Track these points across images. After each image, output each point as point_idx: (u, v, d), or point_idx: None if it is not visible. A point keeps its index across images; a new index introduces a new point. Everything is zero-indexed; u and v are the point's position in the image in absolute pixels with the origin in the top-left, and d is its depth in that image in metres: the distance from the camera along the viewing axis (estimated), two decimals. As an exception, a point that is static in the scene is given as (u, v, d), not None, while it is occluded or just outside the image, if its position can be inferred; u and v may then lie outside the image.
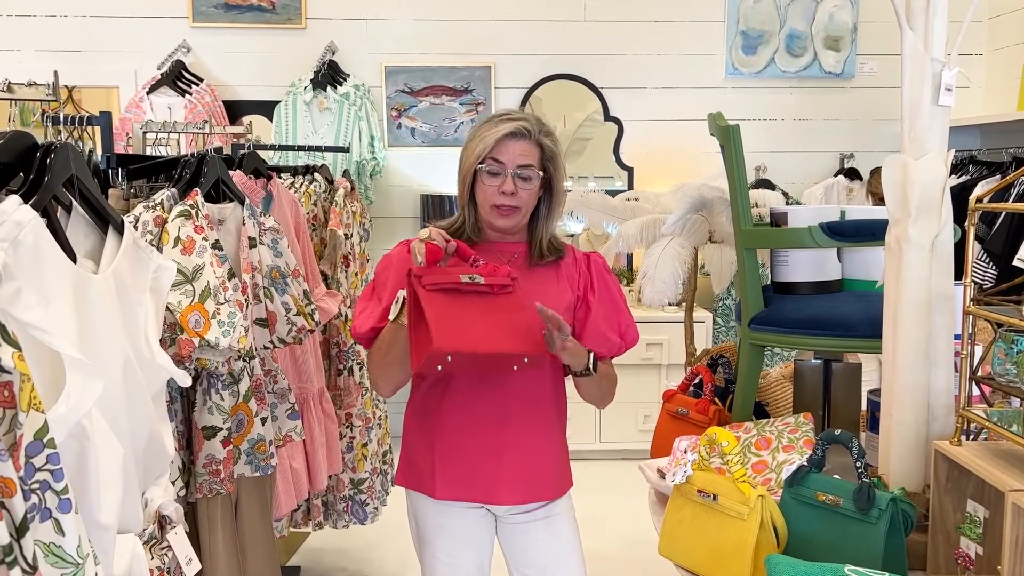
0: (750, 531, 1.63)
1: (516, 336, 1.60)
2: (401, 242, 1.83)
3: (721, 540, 1.68)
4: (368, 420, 2.92)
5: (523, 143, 1.74)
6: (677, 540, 1.79)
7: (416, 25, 4.73)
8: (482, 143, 1.74)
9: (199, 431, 1.75)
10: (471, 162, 1.75)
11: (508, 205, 1.74)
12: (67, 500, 0.87)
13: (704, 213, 2.71)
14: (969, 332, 1.56)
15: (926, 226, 1.67)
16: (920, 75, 1.66)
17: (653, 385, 4.45)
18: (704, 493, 1.73)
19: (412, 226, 4.78)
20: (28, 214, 1.00)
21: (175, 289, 1.58)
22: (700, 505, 1.75)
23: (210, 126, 2.95)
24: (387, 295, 1.74)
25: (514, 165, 1.73)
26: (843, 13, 4.77)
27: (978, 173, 4.13)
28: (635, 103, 4.82)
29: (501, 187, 1.73)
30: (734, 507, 1.67)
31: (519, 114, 1.79)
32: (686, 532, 1.77)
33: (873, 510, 1.54)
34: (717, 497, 1.71)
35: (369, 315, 1.76)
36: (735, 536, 1.65)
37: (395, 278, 1.74)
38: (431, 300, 1.57)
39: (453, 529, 1.80)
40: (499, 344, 1.58)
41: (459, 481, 1.75)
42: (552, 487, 1.81)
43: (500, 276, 1.65)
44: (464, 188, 1.78)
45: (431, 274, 1.60)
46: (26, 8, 4.62)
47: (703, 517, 1.73)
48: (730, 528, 1.67)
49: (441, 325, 1.54)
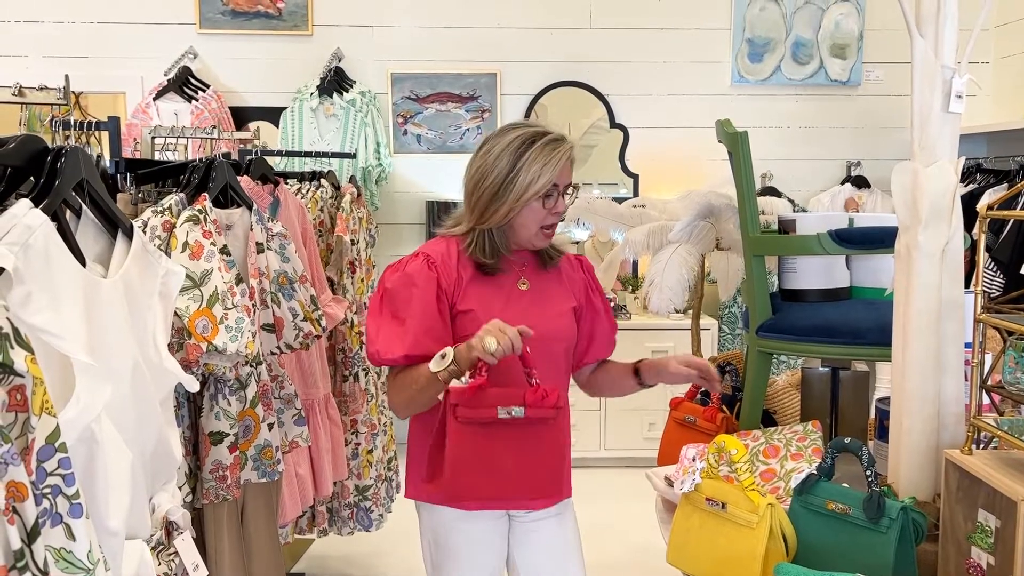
0: (759, 540, 1.62)
1: (540, 484, 1.67)
2: (416, 254, 1.74)
3: (730, 549, 1.67)
4: (373, 426, 2.91)
5: (570, 162, 1.75)
6: (685, 548, 1.78)
7: (422, 32, 4.74)
8: (547, 174, 1.67)
9: (206, 436, 1.75)
10: (533, 192, 1.68)
11: (557, 223, 1.74)
12: (78, 505, 0.87)
13: (711, 220, 2.70)
14: (980, 340, 1.55)
15: (936, 233, 1.66)
16: (930, 82, 1.66)
17: (658, 392, 4.40)
18: (713, 502, 1.72)
19: (417, 232, 4.78)
20: (39, 218, 1.00)
21: (183, 294, 1.58)
22: (708, 514, 1.74)
23: (218, 131, 2.96)
24: (414, 318, 1.67)
25: (564, 185, 1.73)
26: (849, 21, 4.77)
27: (985, 181, 4.12)
28: (641, 110, 4.82)
29: (554, 208, 1.71)
30: (743, 516, 1.66)
31: (558, 131, 1.75)
32: (694, 540, 1.76)
33: (883, 519, 1.53)
34: (726, 506, 1.70)
35: (398, 342, 1.66)
36: (744, 545, 1.64)
37: (422, 300, 1.68)
38: (458, 437, 1.60)
39: (477, 537, 1.78)
40: (516, 498, 1.69)
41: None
42: (566, 485, 1.82)
43: (546, 406, 1.61)
44: (508, 212, 1.69)
45: (469, 404, 1.58)
46: (34, 14, 4.64)
47: (711, 525, 1.72)
48: (739, 537, 1.66)
49: (458, 473, 1.61)
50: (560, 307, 1.81)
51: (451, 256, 1.74)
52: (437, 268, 1.70)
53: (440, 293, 1.69)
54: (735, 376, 2.51)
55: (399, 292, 1.69)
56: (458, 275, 1.72)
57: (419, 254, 1.74)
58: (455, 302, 1.71)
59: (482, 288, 1.73)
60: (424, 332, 1.66)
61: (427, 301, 1.67)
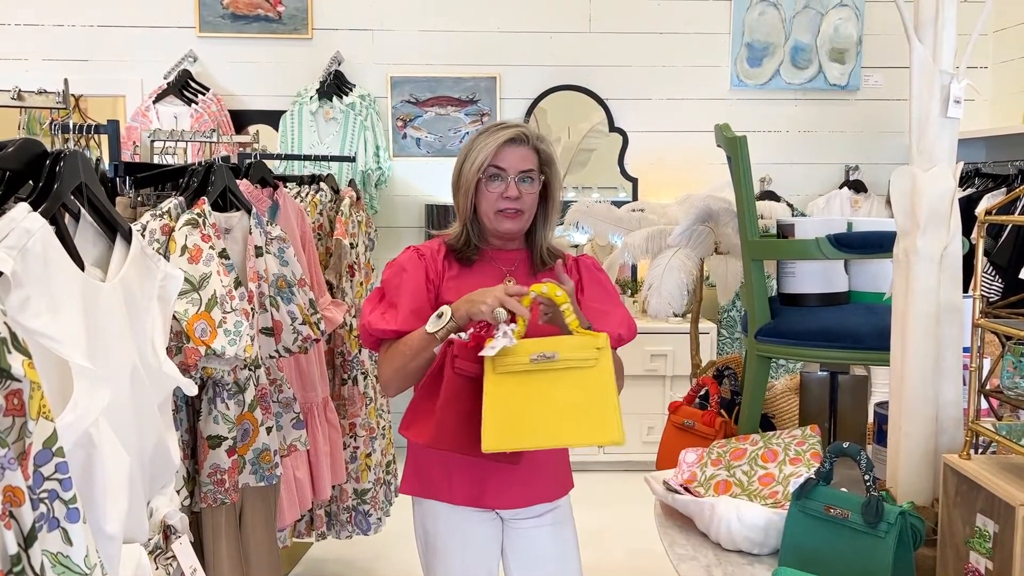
0: (606, 370, 1.53)
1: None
2: (408, 248, 1.85)
3: (573, 395, 1.53)
4: (372, 430, 2.91)
5: (522, 148, 1.78)
6: (508, 423, 1.53)
7: (422, 36, 4.74)
8: (483, 152, 1.75)
9: (204, 440, 1.75)
10: (473, 172, 1.76)
11: (513, 208, 1.77)
12: (75, 510, 0.87)
13: (710, 224, 2.70)
14: (978, 345, 1.55)
15: (935, 238, 1.67)
16: (929, 87, 1.66)
17: (657, 396, 4.44)
18: (541, 356, 1.56)
19: (416, 235, 4.78)
20: (37, 222, 1.00)
21: (182, 298, 1.58)
22: (529, 374, 1.56)
23: (218, 135, 2.96)
24: (405, 298, 1.74)
25: (516, 171, 1.76)
26: (848, 25, 4.78)
27: (984, 186, 4.13)
28: (640, 114, 4.82)
29: (505, 192, 1.76)
30: (581, 356, 1.55)
31: (513, 121, 1.82)
32: (517, 409, 1.53)
33: (882, 524, 1.53)
34: (557, 355, 1.56)
35: (387, 316, 1.74)
36: (593, 380, 1.53)
37: (413, 282, 1.76)
38: (452, 386, 1.56)
39: (466, 535, 1.81)
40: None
41: (472, 487, 1.77)
42: (555, 488, 1.85)
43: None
44: (466, 200, 1.79)
45: (469, 357, 1.56)
46: (34, 17, 4.64)
47: (539, 384, 1.55)
48: (582, 378, 1.54)
49: (444, 422, 1.56)
50: None
51: (439, 252, 1.84)
52: (426, 260, 1.81)
53: (428, 282, 1.78)
54: (734, 380, 2.51)
55: (391, 280, 1.79)
56: (443, 269, 1.82)
57: (410, 247, 1.85)
58: (440, 293, 1.79)
59: (465, 283, 1.78)
60: (413, 312, 1.73)
61: (416, 285, 1.76)
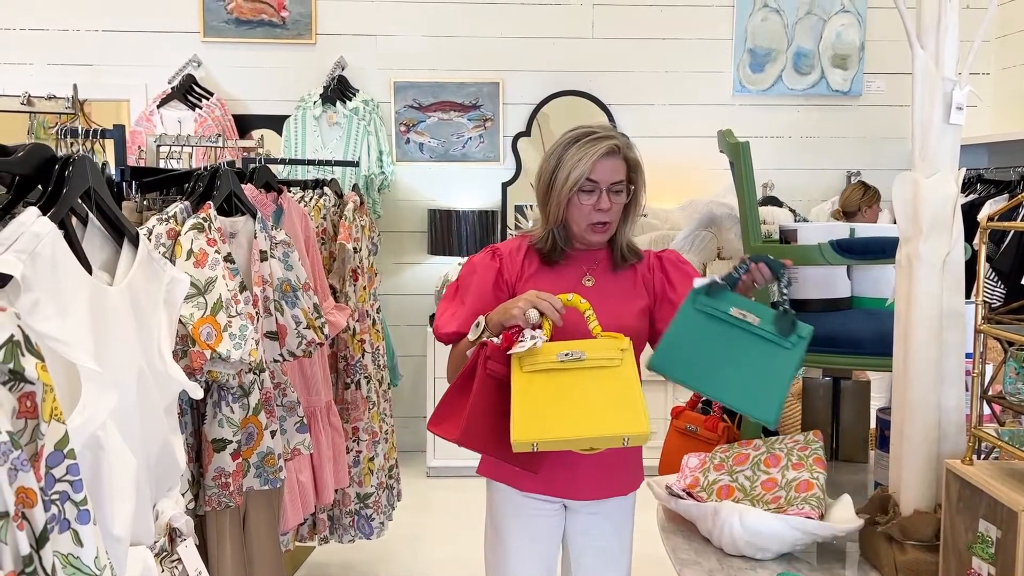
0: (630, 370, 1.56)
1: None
2: (486, 248, 1.90)
3: (599, 393, 1.56)
4: (375, 434, 2.91)
5: (614, 160, 1.79)
6: (536, 417, 1.56)
7: (425, 41, 4.76)
8: (578, 169, 1.76)
9: (209, 444, 1.76)
10: (569, 186, 1.77)
11: (602, 222, 1.79)
12: (86, 511, 0.87)
13: (713, 230, 2.71)
14: (980, 351, 1.55)
15: (937, 244, 1.67)
16: (931, 94, 1.67)
17: (660, 401, 4.44)
18: (569, 354, 1.60)
19: (420, 240, 4.79)
20: (46, 226, 1.01)
21: (187, 301, 1.58)
22: (556, 371, 1.59)
23: (222, 140, 2.97)
24: (470, 299, 1.81)
25: (608, 183, 1.78)
26: (850, 32, 4.79)
27: (986, 192, 4.13)
28: (642, 120, 4.83)
29: (597, 205, 1.78)
30: (606, 356, 1.58)
31: (606, 131, 1.82)
32: (545, 403, 1.57)
33: (793, 336, 1.54)
34: (584, 355, 1.59)
35: (452, 317, 1.82)
36: (616, 380, 1.56)
37: (479, 284, 1.82)
38: (482, 387, 1.60)
39: (528, 522, 1.88)
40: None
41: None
42: (624, 483, 1.91)
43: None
44: (557, 211, 1.80)
45: (499, 360, 1.61)
46: (39, 22, 4.66)
47: (566, 381, 1.58)
48: (607, 377, 1.57)
49: (473, 422, 1.59)
50: (627, 306, 1.85)
51: (520, 251, 1.88)
52: (501, 259, 1.86)
53: (499, 280, 1.84)
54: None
55: (463, 279, 1.87)
56: (522, 267, 1.86)
57: (488, 247, 1.91)
58: (515, 292, 1.82)
59: (544, 280, 1.83)
60: (476, 313, 1.76)
61: (484, 285, 1.82)
